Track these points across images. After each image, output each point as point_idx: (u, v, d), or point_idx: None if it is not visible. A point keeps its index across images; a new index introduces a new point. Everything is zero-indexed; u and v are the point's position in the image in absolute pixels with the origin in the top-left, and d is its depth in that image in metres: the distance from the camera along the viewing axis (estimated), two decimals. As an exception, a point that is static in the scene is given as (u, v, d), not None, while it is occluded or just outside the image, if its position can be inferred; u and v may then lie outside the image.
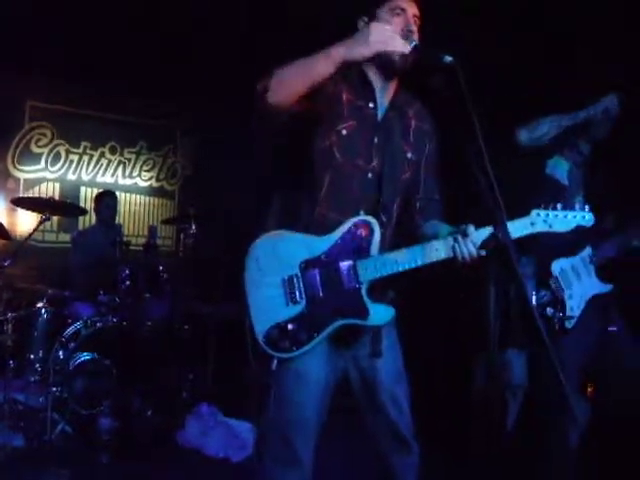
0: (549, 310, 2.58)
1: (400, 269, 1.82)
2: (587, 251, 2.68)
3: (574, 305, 2.59)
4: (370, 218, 1.87)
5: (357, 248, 1.85)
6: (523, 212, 1.85)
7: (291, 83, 1.75)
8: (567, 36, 3.75)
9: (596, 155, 2.78)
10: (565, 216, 1.84)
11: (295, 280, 1.82)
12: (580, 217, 1.85)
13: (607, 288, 2.67)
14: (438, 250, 1.82)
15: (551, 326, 2.56)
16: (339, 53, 1.72)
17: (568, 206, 1.84)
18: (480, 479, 2.78)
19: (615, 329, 2.69)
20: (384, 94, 1.97)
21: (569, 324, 2.56)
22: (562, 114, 2.72)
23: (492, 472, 3.06)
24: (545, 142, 2.71)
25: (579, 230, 1.86)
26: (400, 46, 1.77)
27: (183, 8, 4.52)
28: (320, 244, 1.85)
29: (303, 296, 1.82)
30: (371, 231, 1.86)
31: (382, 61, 1.89)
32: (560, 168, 2.78)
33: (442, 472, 2.90)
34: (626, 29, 3.47)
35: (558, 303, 2.59)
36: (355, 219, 1.87)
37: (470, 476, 3.20)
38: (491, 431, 3.07)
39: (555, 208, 1.83)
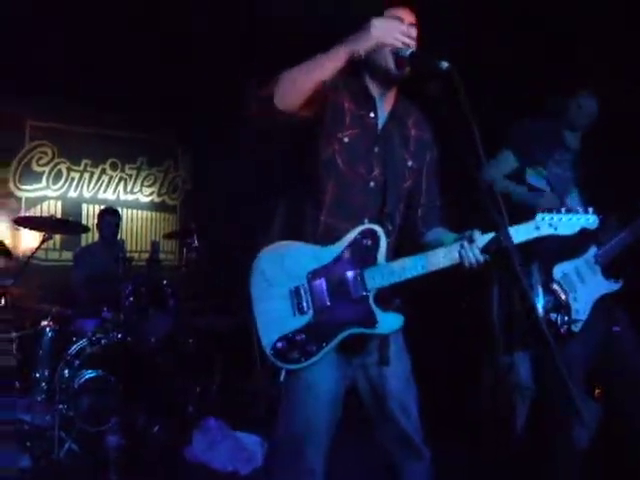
0: (553, 315, 2.57)
1: (407, 276, 1.83)
2: (591, 252, 2.66)
3: (580, 308, 2.58)
4: (376, 227, 1.88)
5: (364, 257, 1.85)
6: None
7: (301, 83, 1.78)
8: (568, 36, 3.75)
9: (589, 152, 2.78)
10: (570, 219, 1.86)
11: (302, 291, 1.83)
12: (584, 219, 1.87)
13: (615, 287, 2.64)
14: (445, 257, 1.83)
15: (556, 331, 2.55)
16: (345, 48, 1.78)
17: (572, 209, 1.86)
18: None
19: (619, 329, 2.68)
20: (383, 104, 1.98)
21: (575, 327, 2.54)
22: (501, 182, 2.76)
23: (502, 475, 3.06)
24: None
25: (583, 232, 1.87)
26: (400, 37, 1.80)
27: (183, 8, 4.51)
28: (326, 254, 1.86)
29: (311, 306, 1.82)
30: (377, 239, 1.86)
31: (380, 71, 1.91)
32: (537, 176, 2.77)
33: (453, 476, 2.88)
34: (626, 29, 3.48)
35: (562, 307, 2.58)
36: (361, 228, 1.88)
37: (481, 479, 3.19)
38: (500, 434, 3.06)
39: (559, 211, 1.85)
